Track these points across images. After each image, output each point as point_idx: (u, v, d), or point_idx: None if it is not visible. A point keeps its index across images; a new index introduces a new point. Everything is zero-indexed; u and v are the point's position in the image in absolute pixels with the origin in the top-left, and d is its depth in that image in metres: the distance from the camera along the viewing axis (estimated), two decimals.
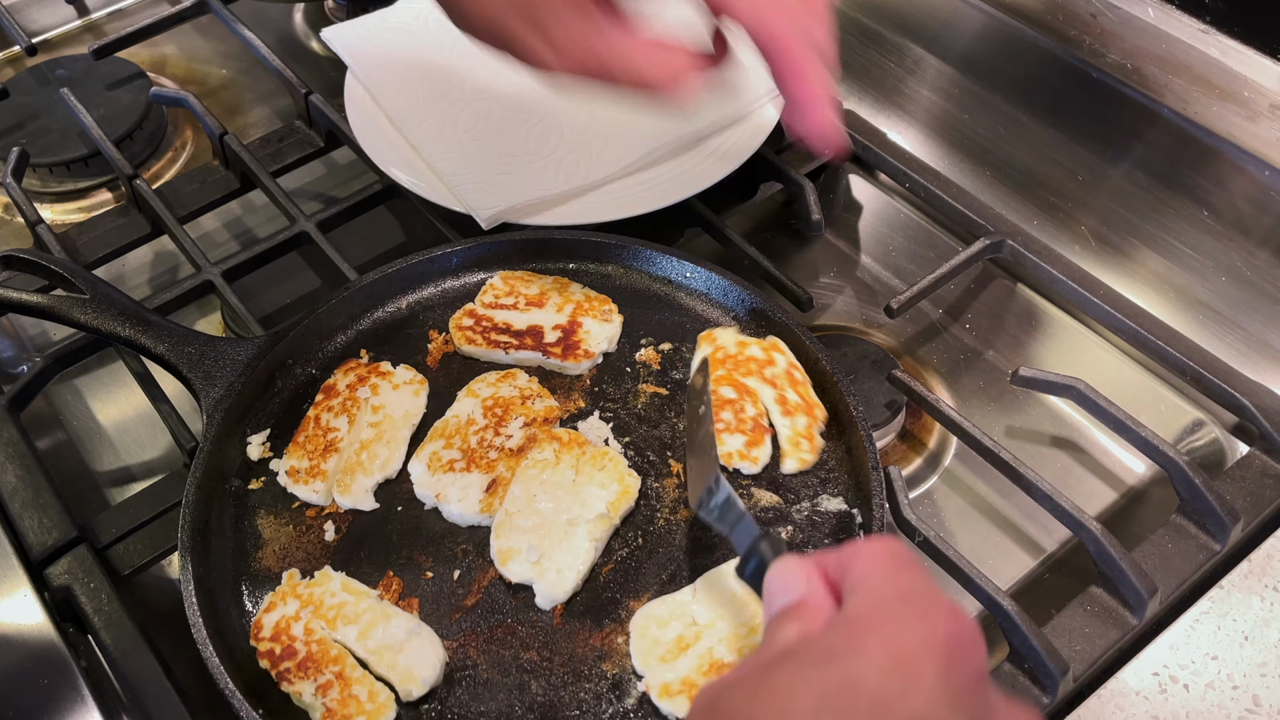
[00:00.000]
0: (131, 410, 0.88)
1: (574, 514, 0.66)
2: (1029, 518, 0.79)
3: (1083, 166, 0.91)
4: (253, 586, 0.67)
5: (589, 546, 0.65)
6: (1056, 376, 0.77)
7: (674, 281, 0.82)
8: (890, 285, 0.96)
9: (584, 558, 0.65)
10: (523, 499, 0.67)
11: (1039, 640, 0.63)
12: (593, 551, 0.66)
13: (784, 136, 0.98)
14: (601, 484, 0.68)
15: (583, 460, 0.69)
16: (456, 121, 0.93)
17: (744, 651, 0.60)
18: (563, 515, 0.66)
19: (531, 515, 0.66)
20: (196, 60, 1.19)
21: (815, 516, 0.69)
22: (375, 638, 0.62)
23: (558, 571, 0.64)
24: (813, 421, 0.71)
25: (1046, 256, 0.85)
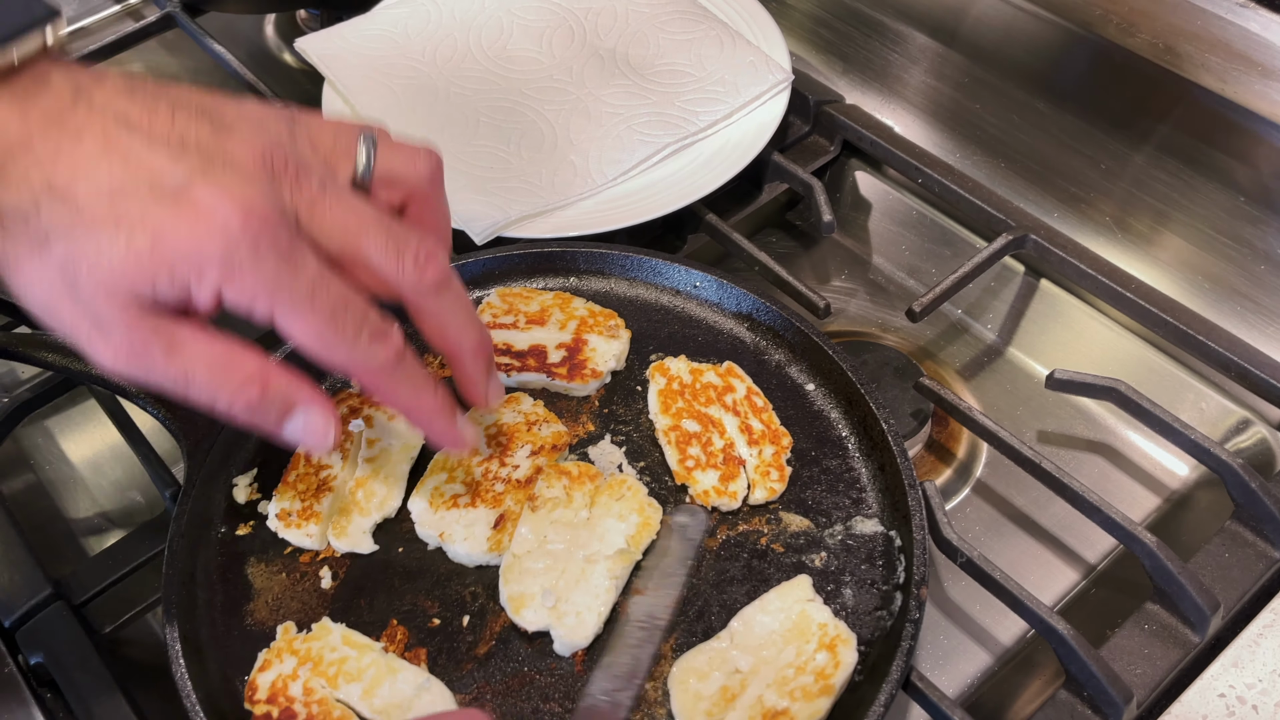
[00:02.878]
0: (107, 451, 0.82)
1: (591, 550, 0.61)
2: (1068, 529, 0.75)
3: (1104, 153, 0.86)
4: (245, 643, 0.62)
5: (609, 585, 0.60)
6: (1095, 378, 0.72)
7: (683, 292, 0.77)
8: (905, 286, 0.92)
9: (604, 597, 0.60)
10: (532, 540, 0.62)
11: (1099, 667, 0.59)
12: (614, 590, 0.61)
13: (788, 133, 0.94)
14: (619, 515, 0.63)
15: (597, 493, 0.64)
16: (442, 131, 0.88)
17: (795, 694, 0.55)
18: (578, 552, 0.61)
19: (543, 557, 0.61)
20: (165, 77, 1.13)
21: (850, 540, 0.64)
22: (381, 695, 0.57)
23: (577, 615, 0.59)
24: (779, 450, 0.67)
25: (1073, 250, 0.81)
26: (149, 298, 0.46)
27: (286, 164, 0.48)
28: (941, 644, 0.70)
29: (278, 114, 0.52)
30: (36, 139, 0.45)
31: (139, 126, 0.47)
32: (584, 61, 0.93)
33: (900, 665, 0.56)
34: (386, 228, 0.50)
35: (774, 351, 0.74)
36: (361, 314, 0.49)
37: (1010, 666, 0.69)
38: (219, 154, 0.47)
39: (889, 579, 0.62)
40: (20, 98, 0.46)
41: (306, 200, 0.48)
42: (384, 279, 0.50)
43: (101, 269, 0.45)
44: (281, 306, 0.47)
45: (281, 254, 0.46)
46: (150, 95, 0.48)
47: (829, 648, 0.57)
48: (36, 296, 0.47)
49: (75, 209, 0.45)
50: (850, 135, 0.92)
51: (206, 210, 0.45)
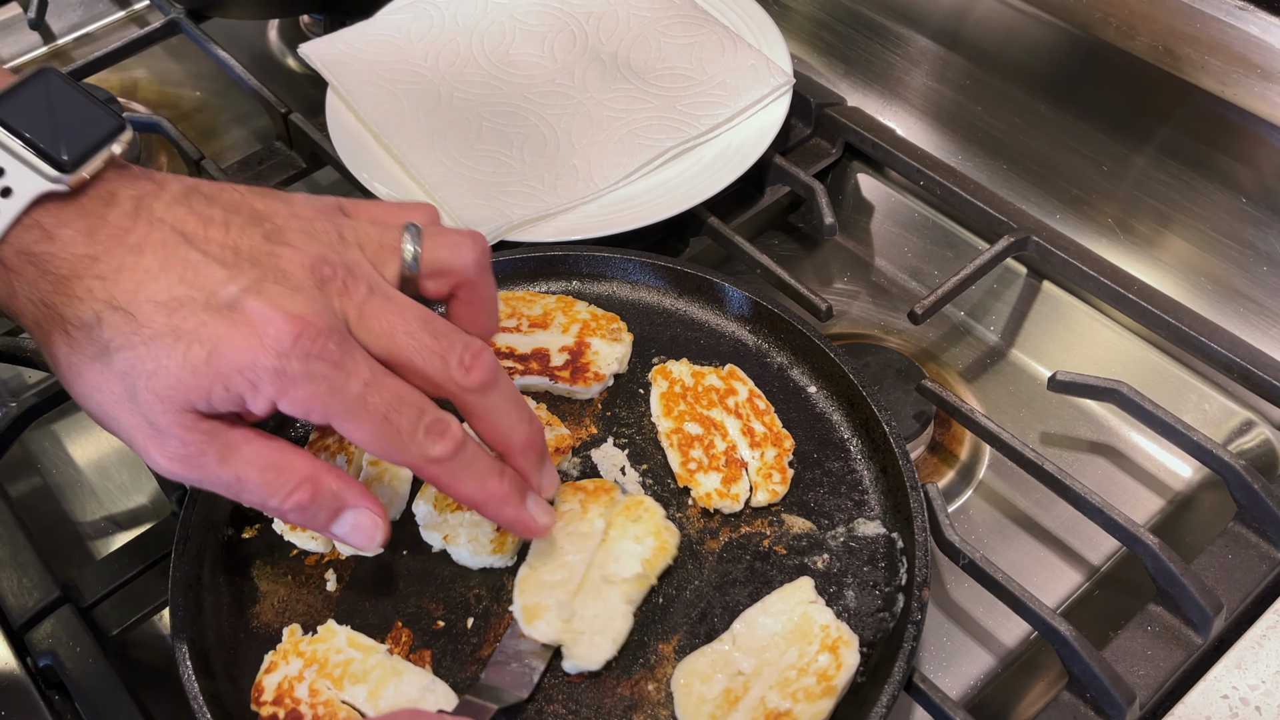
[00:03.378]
0: (113, 455, 0.83)
1: (608, 570, 0.60)
2: (1071, 531, 0.75)
3: (1106, 154, 0.86)
4: (251, 645, 0.62)
5: (625, 611, 0.60)
6: (1097, 380, 0.72)
7: (685, 295, 0.78)
8: (908, 288, 0.92)
9: (620, 624, 0.59)
10: (547, 552, 0.61)
11: (1102, 668, 0.59)
12: (629, 616, 0.60)
13: (789, 136, 0.94)
14: (636, 537, 0.62)
15: (614, 511, 0.63)
16: (446, 135, 0.89)
17: (798, 695, 0.56)
18: (595, 571, 0.60)
19: (559, 569, 0.60)
20: (169, 83, 1.14)
21: (852, 542, 0.64)
22: (386, 697, 0.58)
23: (591, 640, 0.58)
24: (782, 452, 0.67)
25: (1075, 252, 0.81)
26: (204, 407, 0.48)
27: (335, 271, 0.50)
28: (945, 646, 0.70)
29: (327, 213, 0.53)
30: (101, 256, 0.47)
31: (195, 238, 0.48)
32: (586, 66, 0.94)
33: (902, 666, 0.57)
34: (431, 331, 0.51)
35: (776, 354, 0.74)
36: (416, 412, 0.50)
37: (1013, 668, 0.69)
38: (271, 265, 0.49)
39: (891, 580, 0.62)
40: (88, 215, 0.48)
41: (355, 305, 0.50)
42: (431, 382, 0.51)
43: (159, 380, 0.47)
44: (336, 414, 0.49)
45: (333, 363, 0.48)
46: (205, 202, 0.50)
47: (831, 649, 0.58)
48: (96, 402, 0.49)
49: (135, 323, 0.47)
50: (852, 138, 0.93)
51: (260, 324, 0.47)
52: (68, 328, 0.48)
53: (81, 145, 0.47)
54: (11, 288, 0.48)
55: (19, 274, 0.48)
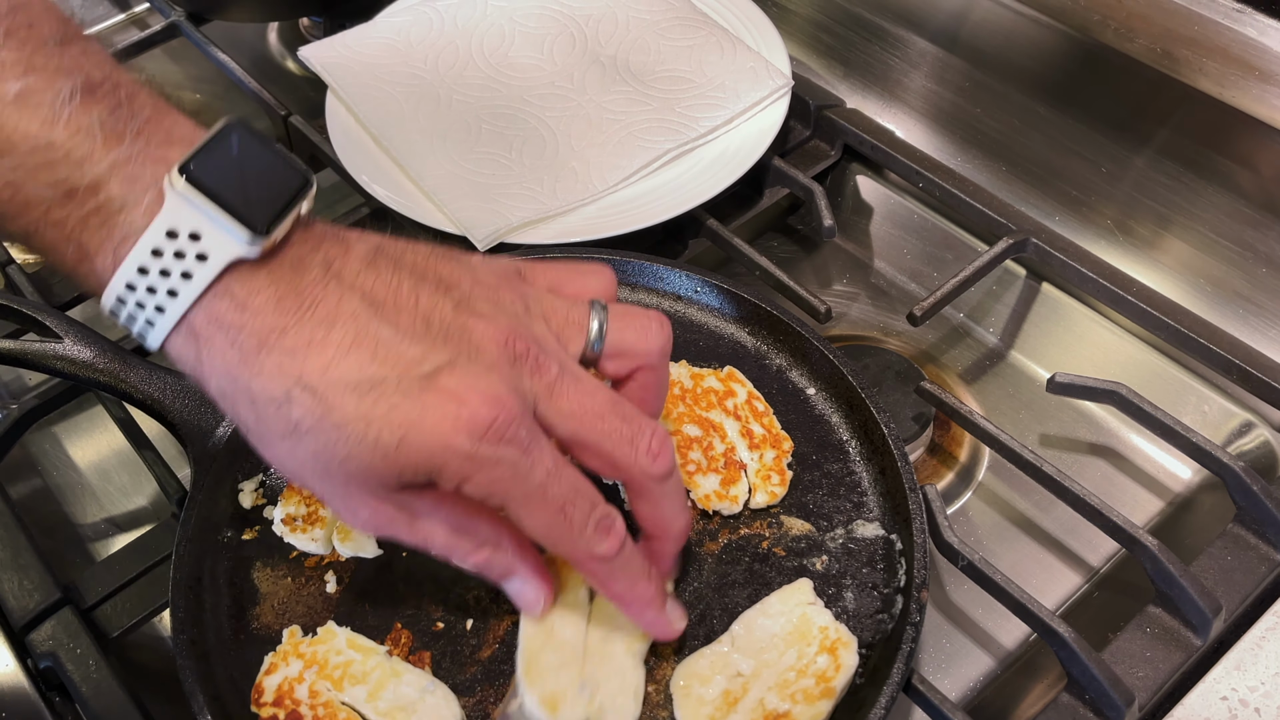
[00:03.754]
0: (114, 457, 0.83)
1: (607, 633, 0.58)
2: (1071, 532, 0.75)
3: (1105, 156, 0.86)
4: (251, 647, 0.62)
5: (634, 664, 0.58)
6: (1096, 381, 0.72)
7: (684, 297, 0.78)
8: (907, 290, 0.92)
9: (635, 678, 0.57)
10: (539, 635, 0.57)
11: (1101, 670, 0.59)
12: (640, 667, 0.58)
13: (788, 138, 0.94)
14: None
15: None
16: (445, 137, 0.89)
17: (796, 697, 0.56)
18: (594, 636, 0.58)
19: (558, 650, 0.57)
20: (169, 85, 1.12)
21: (851, 544, 0.64)
22: (386, 698, 0.58)
23: (614, 704, 0.56)
24: (780, 454, 0.67)
25: (1074, 254, 0.81)
26: (395, 486, 0.48)
27: (528, 349, 0.48)
28: (944, 648, 0.70)
29: (510, 281, 0.52)
30: (291, 328, 0.45)
31: (386, 309, 0.47)
32: (585, 68, 0.94)
33: (901, 668, 0.57)
34: (622, 415, 0.50)
35: (775, 356, 0.74)
36: (589, 505, 0.50)
37: (1012, 670, 0.69)
38: (464, 340, 0.47)
39: (890, 582, 0.62)
40: (278, 282, 0.46)
41: (545, 385, 0.48)
42: (615, 466, 0.51)
43: (351, 464, 0.46)
44: (515, 500, 0.48)
45: (522, 448, 0.46)
46: (392, 267, 0.48)
47: (830, 651, 0.58)
48: (289, 470, 0.49)
49: (326, 405, 0.45)
50: (851, 140, 0.93)
51: (454, 405, 0.45)
52: (255, 402, 0.46)
53: (273, 206, 0.45)
54: (199, 356, 0.47)
55: (209, 342, 0.46)
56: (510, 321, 0.49)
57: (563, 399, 0.49)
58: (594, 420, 0.50)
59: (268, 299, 0.45)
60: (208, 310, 0.46)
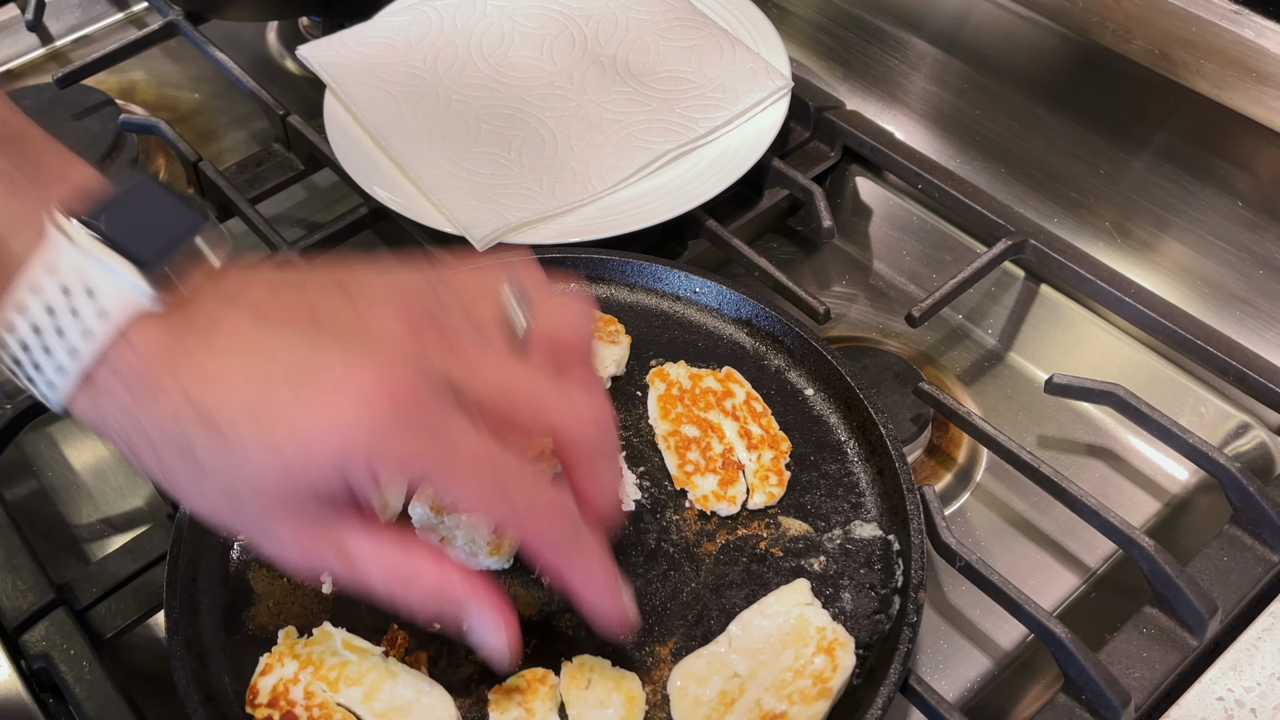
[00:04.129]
0: (109, 458, 0.83)
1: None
2: (1069, 533, 0.75)
3: (1103, 159, 0.86)
4: (247, 648, 0.62)
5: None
6: (1094, 383, 0.72)
7: (683, 298, 0.78)
8: (906, 292, 0.92)
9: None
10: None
11: (1097, 670, 0.59)
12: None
13: (788, 139, 0.94)
14: (600, 703, 0.57)
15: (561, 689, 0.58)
16: (445, 137, 0.89)
17: (793, 698, 0.56)
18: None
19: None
20: (167, 85, 1.14)
21: (848, 545, 0.64)
22: (382, 699, 0.57)
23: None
24: (778, 455, 0.67)
25: (1072, 256, 0.81)
26: (314, 504, 0.45)
27: (435, 329, 0.46)
28: (941, 648, 0.70)
29: (419, 273, 0.49)
30: (184, 367, 0.43)
31: (281, 324, 0.44)
32: (584, 69, 0.94)
33: (898, 668, 0.56)
34: (549, 379, 0.48)
35: (773, 357, 0.74)
36: (534, 486, 0.47)
37: (1010, 671, 0.69)
38: (359, 332, 0.45)
39: (887, 583, 0.62)
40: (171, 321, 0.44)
41: (460, 362, 0.45)
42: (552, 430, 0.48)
43: (261, 491, 0.44)
44: (447, 485, 0.45)
45: (431, 430, 0.43)
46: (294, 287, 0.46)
47: (827, 651, 0.57)
48: (203, 512, 0.47)
49: (226, 440, 0.43)
50: (851, 141, 0.93)
51: (346, 401, 0.43)
52: (158, 447, 0.44)
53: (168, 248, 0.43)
54: (100, 406, 0.44)
55: (108, 392, 0.44)
56: (414, 305, 0.46)
57: (481, 372, 0.46)
58: (521, 383, 0.46)
59: (161, 340, 0.43)
60: (105, 360, 0.43)
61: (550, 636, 0.61)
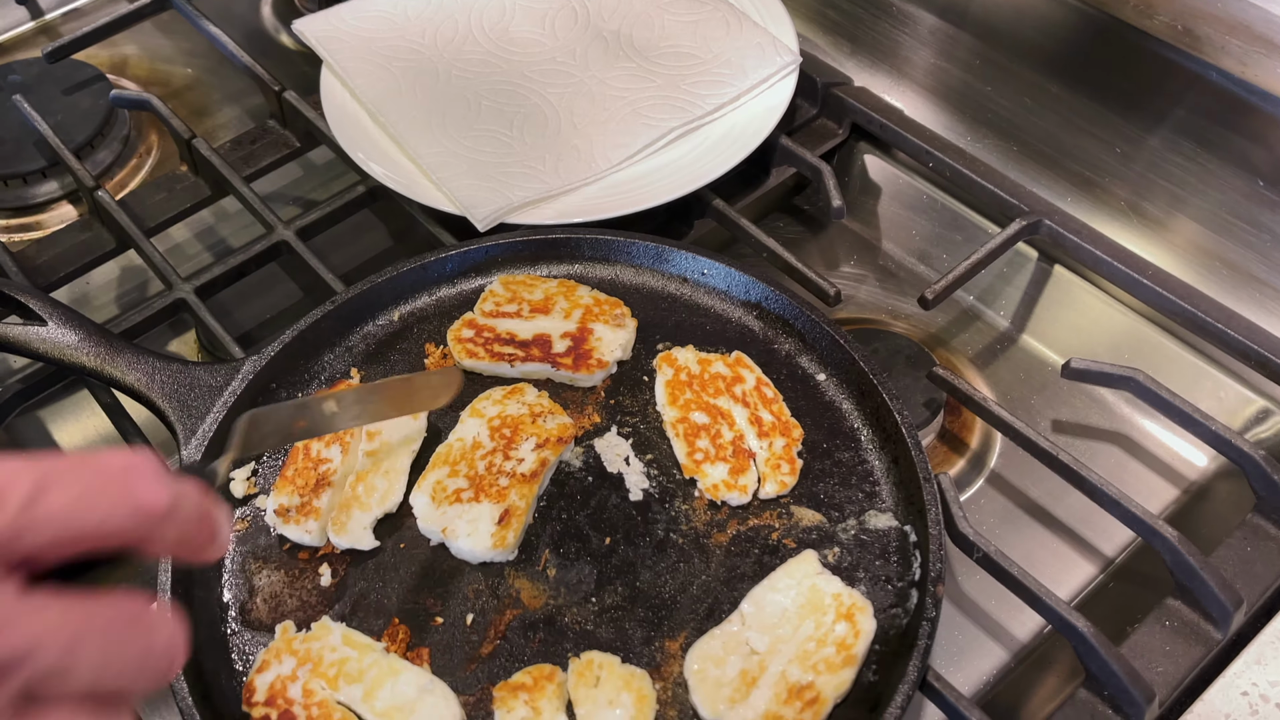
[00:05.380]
0: (100, 444, 0.80)
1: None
2: (1084, 521, 0.73)
3: (1119, 136, 0.84)
4: (243, 643, 0.60)
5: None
6: (1113, 367, 0.71)
7: (690, 280, 0.76)
8: (916, 273, 0.90)
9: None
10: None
11: (1120, 665, 0.57)
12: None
13: (795, 116, 0.92)
14: (609, 702, 0.55)
15: (570, 688, 0.56)
16: (444, 114, 0.86)
17: (819, 667, 0.54)
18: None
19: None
20: (159, 60, 1.11)
21: (863, 535, 0.63)
22: (383, 697, 0.56)
23: None
24: (790, 442, 0.66)
25: (1088, 236, 0.79)
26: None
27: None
28: (955, 640, 0.69)
29: None
30: None
31: None
32: (587, 44, 0.91)
33: (917, 665, 0.55)
34: None
35: (784, 341, 0.72)
36: None
37: (1026, 663, 0.68)
38: None
39: (904, 575, 0.60)
40: None
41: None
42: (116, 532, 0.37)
43: None
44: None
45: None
46: None
47: (847, 617, 0.56)
48: None
49: None
50: (859, 118, 0.90)
51: None
52: None
53: None
54: None
55: None
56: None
57: None
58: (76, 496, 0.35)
59: None
60: None
61: (556, 632, 0.60)
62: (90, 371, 0.69)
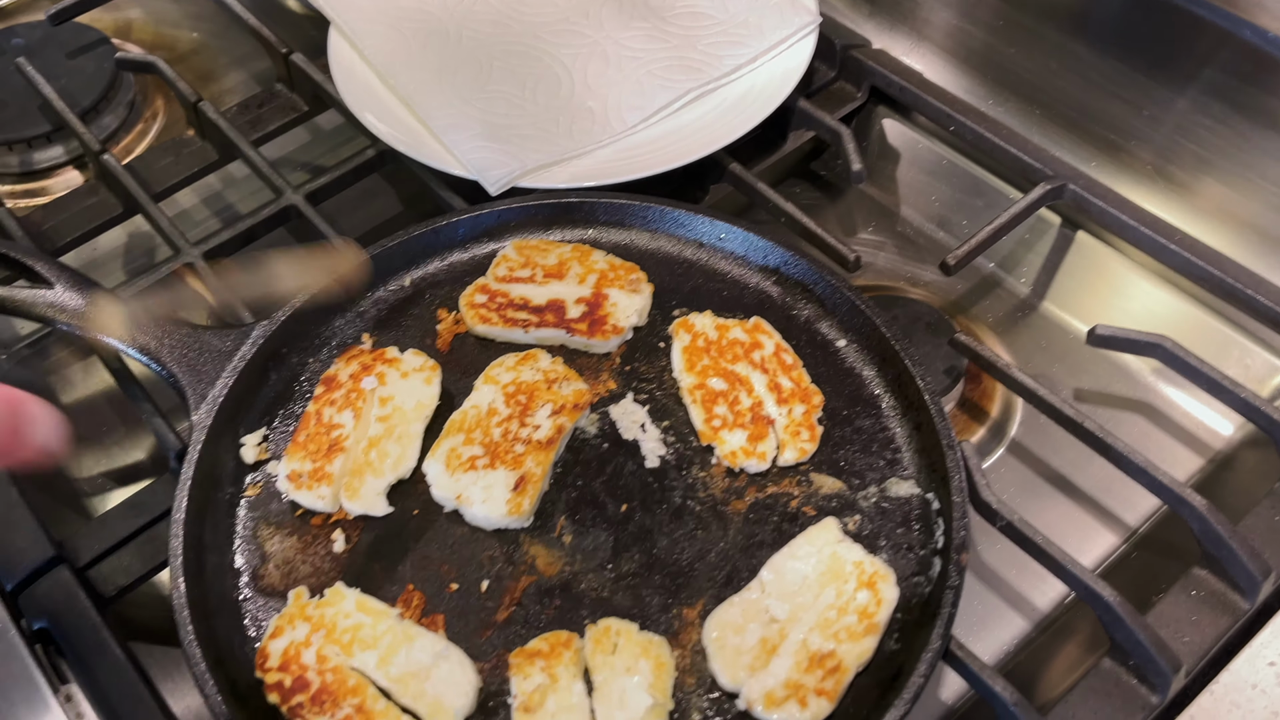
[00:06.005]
0: (110, 412, 0.80)
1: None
2: (1107, 490, 0.72)
3: (1146, 98, 0.82)
4: (256, 609, 0.59)
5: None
6: (1139, 334, 0.69)
7: (706, 244, 0.74)
8: (935, 239, 0.88)
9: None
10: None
11: (1147, 634, 0.56)
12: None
13: (812, 79, 0.90)
14: (627, 669, 0.54)
15: (587, 655, 0.55)
16: (455, 75, 0.84)
17: (840, 636, 0.54)
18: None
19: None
20: (164, 23, 1.10)
21: (884, 503, 0.61)
22: (398, 663, 0.55)
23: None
24: (810, 409, 0.64)
25: (1114, 201, 0.77)
26: None
27: None
28: (975, 610, 0.68)
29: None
30: None
31: None
32: (601, 3, 0.89)
33: (940, 634, 0.54)
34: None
35: (803, 306, 0.71)
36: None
37: (1048, 633, 0.67)
38: None
39: (926, 543, 0.59)
40: None
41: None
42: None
43: None
44: None
45: None
46: None
47: (869, 585, 0.55)
48: None
49: None
50: (879, 81, 0.88)
51: None
52: None
53: None
54: None
55: None
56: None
57: None
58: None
59: None
60: None
61: (573, 599, 0.59)
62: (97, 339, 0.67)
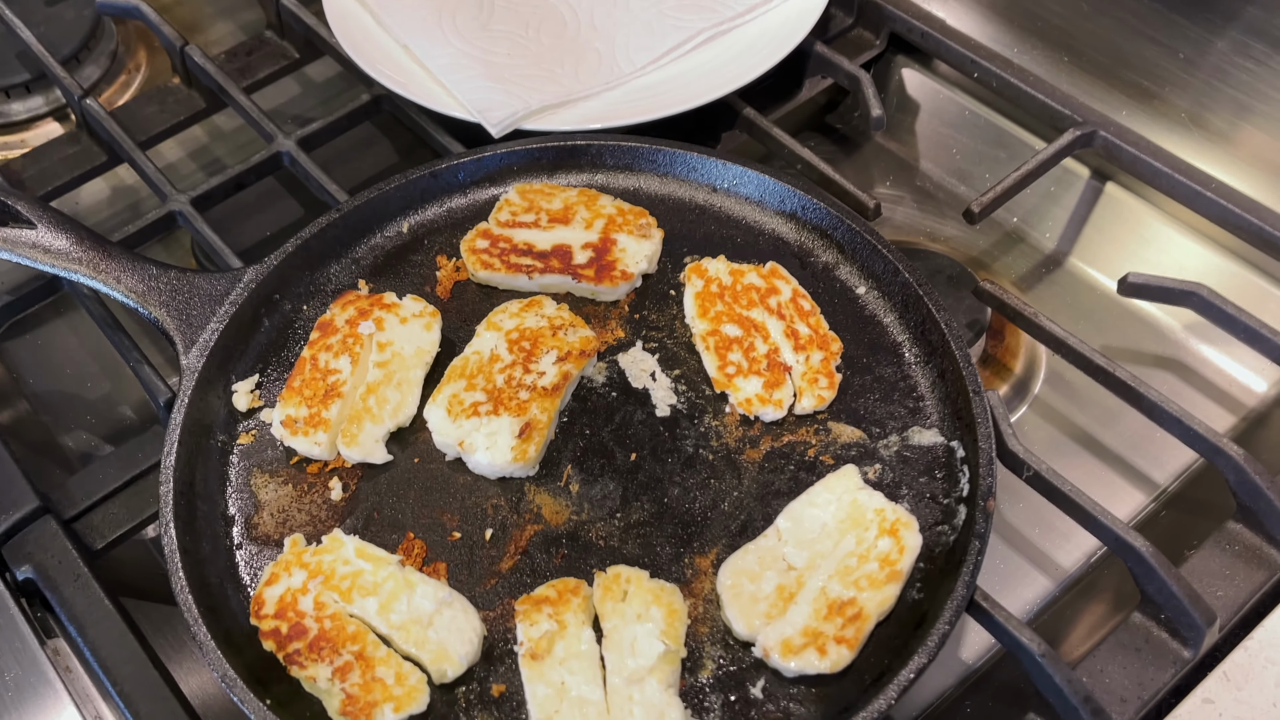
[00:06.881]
0: (96, 365, 0.77)
1: (629, 670, 0.51)
2: (1134, 448, 0.69)
3: (1183, 40, 0.79)
4: (249, 557, 0.57)
5: (669, 697, 0.50)
6: (1173, 281, 0.66)
7: (719, 189, 0.71)
8: (955, 193, 0.85)
9: (672, 713, 0.50)
10: (551, 699, 0.50)
11: (1180, 586, 0.53)
12: (675, 700, 0.50)
13: (829, 25, 0.87)
14: (638, 615, 0.52)
15: (596, 602, 0.53)
16: (455, 15, 0.81)
17: (861, 584, 0.51)
18: (616, 679, 0.51)
19: (575, 708, 0.50)
20: None
21: (906, 452, 0.59)
22: (399, 610, 0.52)
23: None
24: (829, 356, 0.62)
25: (1146, 148, 0.74)
26: None
27: None
28: (998, 567, 0.65)
29: None
30: None
31: None
32: None
33: (966, 582, 0.51)
34: None
35: (822, 252, 0.68)
36: None
37: (1072, 592, 0.64)
38: None
39: (950, 492, 0.57)
40: None
41: None
42: None
43: None
44: None
45: None
46: None
47: (890, 533, 0.53)
48: None
49: None
50: (899, 26, 0.85)
51: None
52: None
53: None
54: None
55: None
56: None
57: None
58: None
59: None
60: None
61: (580, 548, 0.56)
62: (83, 276, 0.65)
